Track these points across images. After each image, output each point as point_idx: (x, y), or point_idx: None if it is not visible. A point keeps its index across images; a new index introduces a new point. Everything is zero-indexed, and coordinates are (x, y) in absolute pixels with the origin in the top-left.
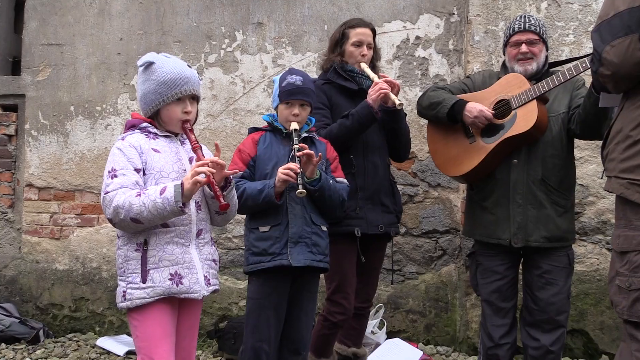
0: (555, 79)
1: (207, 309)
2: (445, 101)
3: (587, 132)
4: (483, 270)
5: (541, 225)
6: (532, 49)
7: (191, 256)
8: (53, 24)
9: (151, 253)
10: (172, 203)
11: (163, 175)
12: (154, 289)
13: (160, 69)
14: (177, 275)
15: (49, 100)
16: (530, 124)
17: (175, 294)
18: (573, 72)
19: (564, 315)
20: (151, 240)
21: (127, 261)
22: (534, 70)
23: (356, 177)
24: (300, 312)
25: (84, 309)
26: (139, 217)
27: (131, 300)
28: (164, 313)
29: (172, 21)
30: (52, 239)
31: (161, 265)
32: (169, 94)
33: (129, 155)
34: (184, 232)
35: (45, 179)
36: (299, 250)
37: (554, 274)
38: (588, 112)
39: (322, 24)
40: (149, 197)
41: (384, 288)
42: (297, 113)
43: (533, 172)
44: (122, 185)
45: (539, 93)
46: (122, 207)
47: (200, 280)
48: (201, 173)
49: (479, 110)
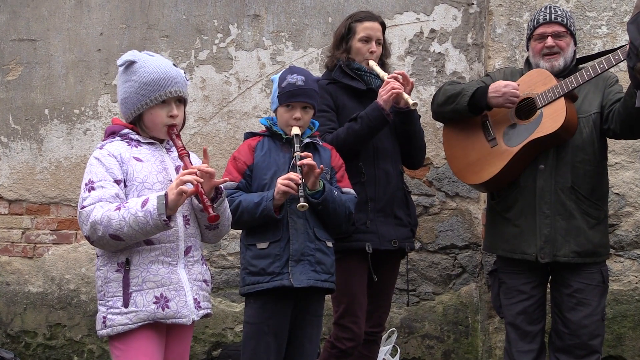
0: (585, 73)
1: (199, 335)
2: (464, 90)
3: (628, 132)
4: (507, 290)
5: (571, 238)
6: (558, 42)
7: (179, 276)
8: (25, 17)
9: (134, 274)
10: (155, 216)
11: (146, 186)
12: (137, 314)
13: (143, 69)
14: (162, 298)
15: (20, 103)
16: (558, 124)
17: (161, 319)
18: (605, 65)
19: (598, 340)
20: (134, 260)
21: (107, 283)
22: (560, 66)
23: (366, 187)
24: (304, 338)
25: (60, 336)
26: (118, 233)
27: (112, 327)
28: (149, 341)
29: (158, 14)
30: (25, 257)
31: (145, 287)
32: (152, 96)
33: (107, 166)
34: (171, 249)
35: (17, 191)
36: (302, 269)
37: (586, 293)
38: (630, 111)
39: (326, 17)
40: (129, 211)
41: (397, 310)
42: (299, 117)
43: (562, 179)
44: (100, 198)
45: (567, 90)
46: (100, 223)
47: (189, 303)
48: (187, 182)
49: (504, 85)
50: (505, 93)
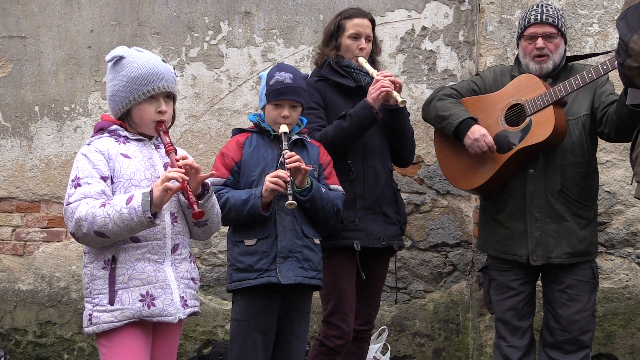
0: (573, 82)
1: (189, 332)
2: (451, 117)
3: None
4: (497, 286)
5: (563, 240)
6: (548, 44)
7: (165, 274)
8: (15, 14)
9: (120, 271)
10: (140, 213)
11: (133, 183)
12: (122, 311)
13: (131, 64)
14: (148, 296)
15: (10, 100)
16: (547, 133)
17: (147, 317)
18: (593, 74)
19: (588, 335)
20: (120, 257)
21: (93, 280)
22: (549, 69)
23: (355, 185)
24: (291, 335)
25: (50, 334)
26: (103, 230)
27: (97, 324)
28: (135, 339)
29: (149, 10)
30: (15, 255)
31: (131, 285)
32: (140, 92)
33: (94, 162)
34: (157, 247)
35: (7, 188)
36: (289, 266)
37: (577, 289)
38: (621, 112)
39: (317, 14)
40: (114, 208)
41: (388, 308)
42: (287, 115)
43: (551, 182)
44: (86, 195)
45: (555, 99)
46: (85, 220)
47: (175, 301)
48: (173, 179)
49: (481, 135)
50: (476, 140)
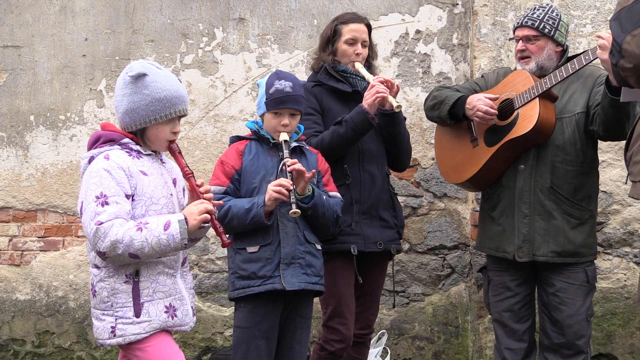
0: (557, 74)
1: (188, 340)
2: (448, 99)
3: (612, 133)
4: (494, 287)
5: (550, 238)
6: (530, 46)
7: (179, 287)
8: (9, 24)
9: (144, 285)
10: (178, 240)
11: (153, 201)
12: (150, 323)
13: (155, 84)
14: (171, 308)
15: (5, 110)
16: (531, 125)
17: (170, 327)
18: (576, 65)
19: (583, 340)
20: (142, 271)
21: (115, 294)
22: (532, 69)
23: (351, 189)
24: (293, 341)
25: (49, 343)
26: (138, 253)
27: (124, 336)
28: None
29: (143, 18)
30: (12, 265)
31: (156, 298)
32: (162, 113)
33: (118, 179)
34: (173, 261)
35: (3, 198)
36: (293, 272)
37: (569, 293)
38: (607, 111)
39: (312, 19)
40: (152, 233)
41: (387, 312)
42: (287, 123)
43: (541, 179)
44: (117, 215)
45: (541, 91)
46: (122, 242)
47: (189, 311)
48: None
49: (477, 98)
50: (474, 106)
